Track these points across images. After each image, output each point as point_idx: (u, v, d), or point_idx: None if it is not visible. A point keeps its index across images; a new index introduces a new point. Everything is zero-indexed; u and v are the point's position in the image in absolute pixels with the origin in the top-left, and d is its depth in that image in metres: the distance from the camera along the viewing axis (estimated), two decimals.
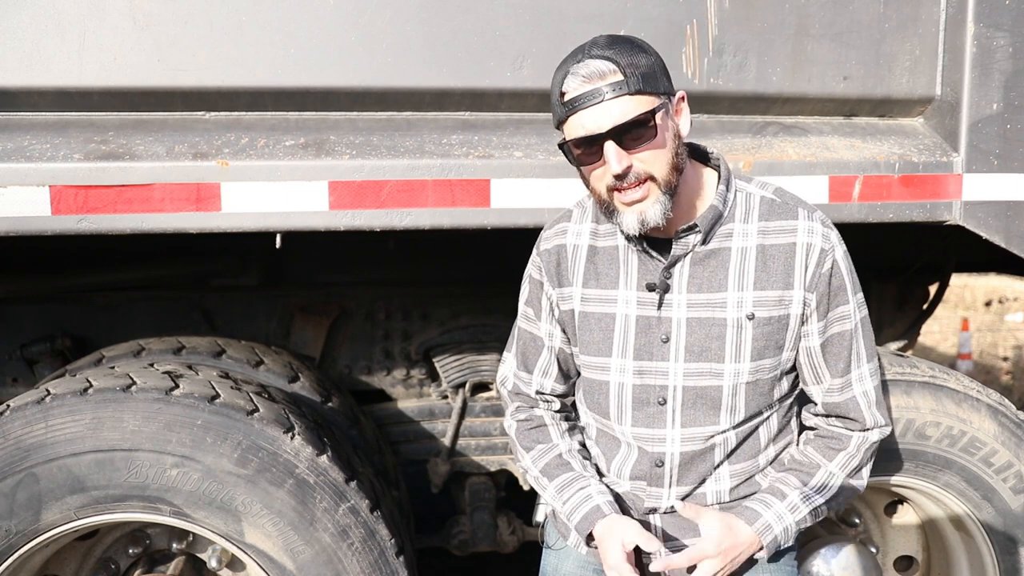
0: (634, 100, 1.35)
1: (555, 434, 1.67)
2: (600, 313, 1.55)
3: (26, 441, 1.84)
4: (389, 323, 2.85)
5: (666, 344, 1.51)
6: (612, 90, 1.34)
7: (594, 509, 1.54)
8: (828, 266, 1.48)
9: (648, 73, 1.36)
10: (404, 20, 1.92)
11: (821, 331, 1.51)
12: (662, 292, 1.49)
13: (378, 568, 1.98)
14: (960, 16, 2.09)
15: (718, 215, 1.48)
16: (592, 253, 1.57)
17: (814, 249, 1.47)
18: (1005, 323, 8.98)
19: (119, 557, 2.12)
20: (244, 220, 1.89)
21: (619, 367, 1.54)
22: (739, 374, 1.50)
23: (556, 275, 1.60)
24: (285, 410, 2.05)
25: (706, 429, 1.52)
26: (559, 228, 1.62)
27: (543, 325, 1.66)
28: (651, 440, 1.55)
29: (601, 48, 1.36)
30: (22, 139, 1.86)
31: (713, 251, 1.49)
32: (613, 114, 1.35)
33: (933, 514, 2.29)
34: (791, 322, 1.50)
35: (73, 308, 2.70)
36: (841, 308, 1.50)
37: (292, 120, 1.99)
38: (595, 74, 1.35)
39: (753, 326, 1.48)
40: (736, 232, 1.49)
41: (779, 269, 1.47)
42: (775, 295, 1.48)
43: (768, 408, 1.57)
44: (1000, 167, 2.12)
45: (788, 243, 1.47)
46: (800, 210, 1.50)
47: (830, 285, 1.49)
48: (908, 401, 2.11)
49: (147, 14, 1.85)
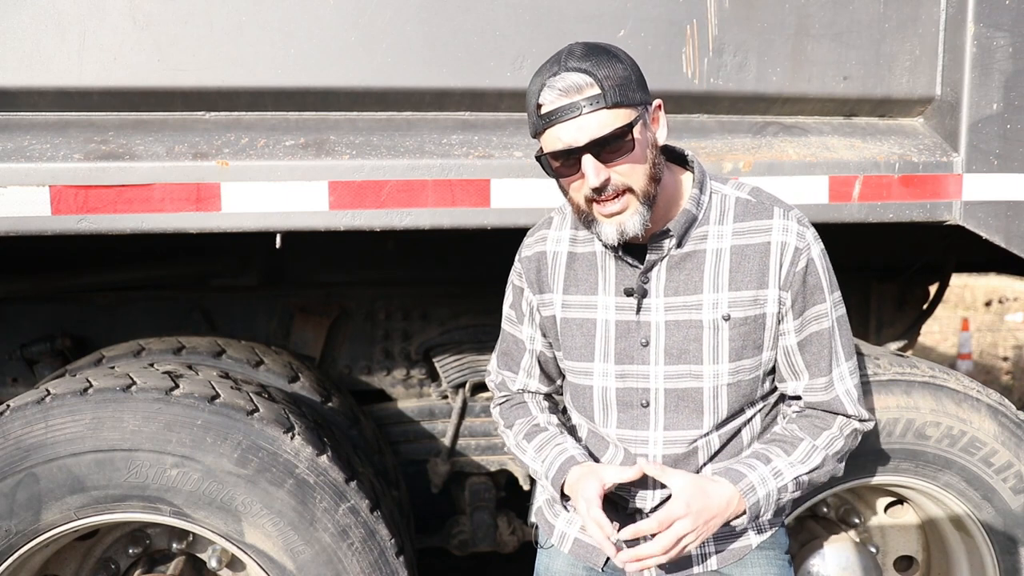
0: (611, 114, 1.35)
1: (535, 410, 1.70)
2: (581, 319, 1.56)
3: (26, 441, 1.84)
4: (389, 323, 2.85)
5: (646, 348, 1.51)
6: (589, 104, 1.34)
7: (568, 459, 1.55)
8: (803, 264, 1.47)
9: (624, 85, 1.35)
10: (404, 20, 1.92)
11: (798, 329, 1.51)
12: (640, 297, 1.50)
13: (378, 568, 1.98)
14: (960, 16, 2.09)
15: (692, 219, 1.48)
16: (571, 260, 1.58)
17: (788, 247, 1.46)
18: (1005, 323, 8.98)
19: (119, 557, 2.12)
20: (244, 220, 1.89)
21: (602, 371, 1.55)
22: (719, 375, 1.50)
23: (536, 282, 1.61)
24: (285, 410, 2.05)
25: (689, 432, 1.53)
26: (539, 235, 1.63)
27: (525, 329, 1.68)
28: (635, 442, 1.56)
29: (577, 59, 1.35)
30: (22, 139, 1.86)
31: (688, 254, 1.49)
32: (591, 128, 1.35)
33: (933, 514, 2.29)
34: (767, 321, 1.49)
35: (73, 308, 2.70)
36: (818, 307, 1.50)
37: (292, 120, 1.99)
38: (572, 87, 1.34)
39: (729, 327, 1.48)
40: (711, 234, 1.49)
41: (754, 269, 1.47)
42: (750, 295, 1.48)
43: (750, 407, 1.57)
44: (1000, 167, 2.12)
45: (763, 242, 1.47)
46: (776, 208, 1.49)
47: (805, 283, 1.48)
48: (908, 401, 2.11)
49: (147, 14, 1.85)
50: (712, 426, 1.53)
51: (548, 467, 1.58)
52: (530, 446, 1.65)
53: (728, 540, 1.60)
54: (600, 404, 1.57)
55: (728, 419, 1.54)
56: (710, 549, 1.60)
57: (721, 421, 1.53)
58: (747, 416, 1.57)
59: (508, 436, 1.72)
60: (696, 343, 1.49)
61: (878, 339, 3.31)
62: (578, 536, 1.65)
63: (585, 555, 1.63)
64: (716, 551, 1.60)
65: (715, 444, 1.55)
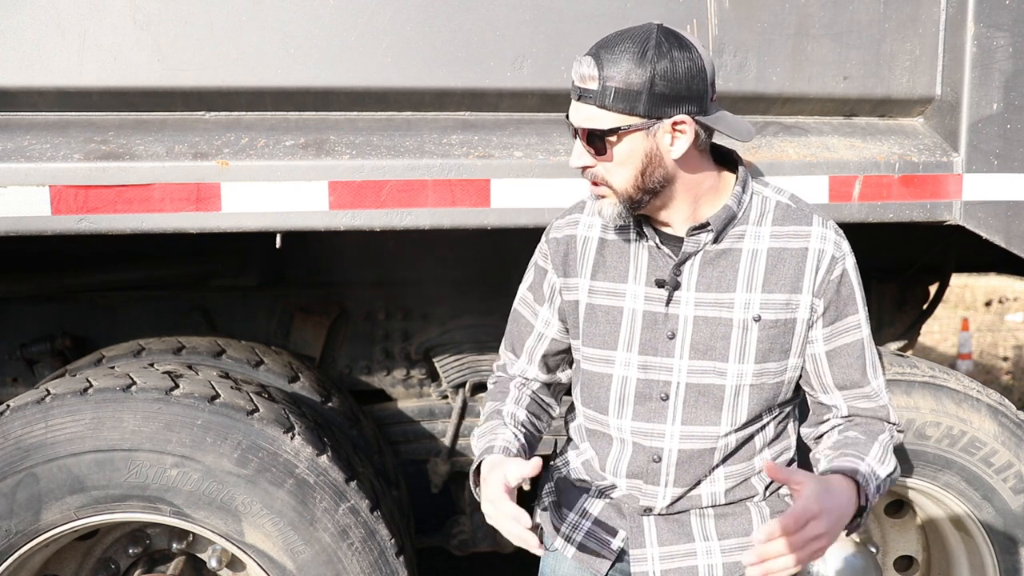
0: (599, 112, 1.37)
1: (510, 399, 1.67)
2: (607, 306, 1.55)
3: (26, 441, 1.84)
4: (389, 323, 2.84)
5: (672, 340, 1.51)
6: (585, 96, 1.39)
7: (487, 450, 1.51)
8: (838, 273, 1.48)
9: (626, 91, 1.35)
10: (404, 20, 1.92)
11: (827, 338, 1.51)
12: (672, 289, 1.49)
13: (378, 568, 1.98)
14: (960, 16, 2.09)
15: (732, 215, 1.48)
16: (602, 245, 1.57)
17: (825, 255, 1.47)
18: (1005, 323, 8.98)
19: (119, 557, 2.12)
20: (244, 220, 1.89)
21: (624, 360, 1.54)
22: (743, 375, 1.50)
23: (563, 264, 1.60)
24: (285, 410, 2.05)
25: (707, 429, 1.52)
26: (571, 219, 1.62)
27: (542, 312, 1.66)
28: (650, 435, 1.54)
29: (607, 48, 1.37)
30: (22, 139, 1.86)
31: (724, 251, 1.49)
32: (579, 116, 1.41)
33: (933, 514, 2.29)
34: (797, 326, 1.49)
35: (73, 308, 2.70)
36: (851, 318, 1.50)
37: (292, 120, 1.99)
38: (585, 74, 1.38)
39: (759, 328, 1.48)
40: (748, 234, 1.49)
41: (789, 273, 1.47)
42: (783, 298, 1.48)
43: (767, 414, 1.57)
44: (1000, 167, 2.12)
45: (800, 248, 1.48)
46: (815, 217, 1.51)
47: (839, 293, 1.49)
48: (908, 401, 2.11)
49: (147, 14, 1.85)
50: (730, 425, 1.52)
51: (479, 455, 1.53)
52: (479, 431, 1.62)
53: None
54: (617, 395, 1.56)
55: (747, 422, 1.53)
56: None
57: (739, 422, 1.53)
58: (763, 422, 1.57)
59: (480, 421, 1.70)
60: (724, 340, 1.49)
61: (878, 339, 3.31)
62: (582, 541, 1.64)
63: (589, 561, 1.62)
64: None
65: (731, 445, 1.54)
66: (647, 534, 1.58)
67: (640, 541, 1.58)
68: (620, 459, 1.58)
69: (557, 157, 1.96)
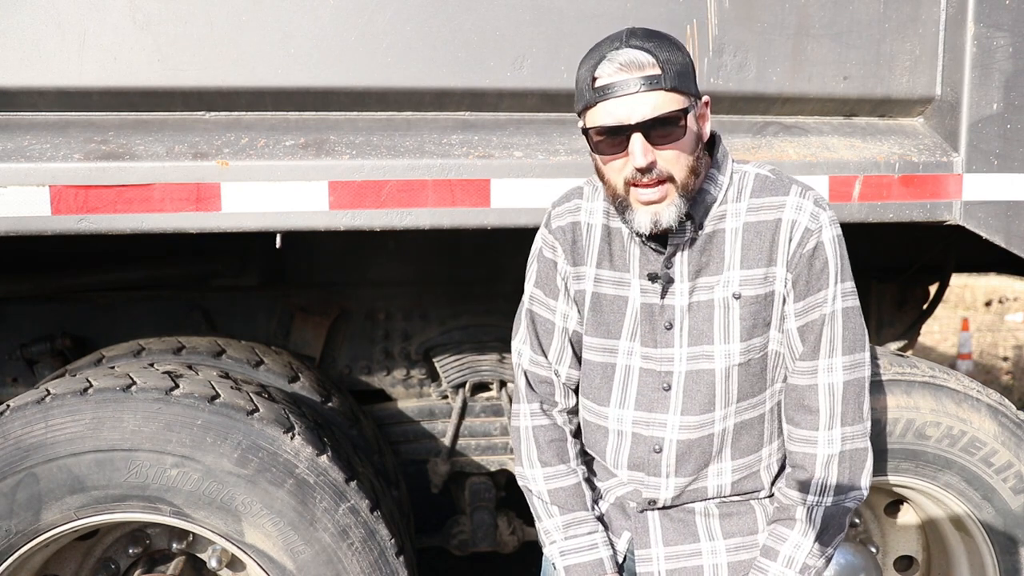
0: (668, 96, 1.34)
1: (572, 453, 1.63)
2: (613, 295, 1.54)
3: (26, 441, 1.84)
4: (389, 323, 2.85)
5: (670, 331, 1.50)
6: (648, 83, 1.32)
7: (596, 562, 1.54)
8: (811, 246, 1.44)
9: (683, 72, 1.35)
10: (404, 20, 1.92)
11: (799, 313, 1.47)
12: (665, 283, 1.49)
13: (378, 568, 1.98)
14: (960, 16, 2.09)
15: (710, 200, 1.47)
16: (607, 233, 1.55)
17: (799, 226, 1.44)
18: (1005, 323, 8.98)
19: (119, 557, 2.12)
20: (244, 220, 1.89)
21: (627, 350, 1.53)
22: (730, 355, 1.48)
23: (572, 252, 1.57)
24: (285, 410, 2.05)
25: (702, 417, 1.51)
26: (572, 205, 1.58)
27: (559, 306, 1.61)
28: (651, 424, 1.53)
29: (640, 39, 1.35)
30: (22, 139, 1.86)
31: (710, 235, 1.48)
32: (645, 107, 1.33)
33: (933, 514, 2.29)
34: (775, 300, 1.47)
35: (73, 308, 2.70)
36: (821, 293, 1.45)
37: (292, 120, 1.99)
38: (633, 63, 1.33)
39: (740, 305, 1.46)
40: (729, 212, 1.48)
41: (764, 246, 1.45)
42: (760, 272, 1.46)
43: (761, 392, 1.53)
44: (1000, 167, 2.12)
45: (774, 219, 1.45)
46: (793, 187, 1.47)
47: (811, 266, 1.44)
48: (908, 401, 2.10)
49: (147, 14, 1.85)
50: (724, 409, 1.50)
51: (570, 551, 1.56)
52: (560, 517, 1.59)
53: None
54: (620, 384, 1.55)
55: (741, 404, 1.51)
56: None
57: (734, 406, 1.51)
58: (761, 401, 1.53)
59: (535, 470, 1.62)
60: (708, 322, 1.48)
61: (878, 339, 3.31)
62: None
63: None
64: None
65: (730, 432, 1.52)
66: (652, 534, 1.57)
67: (645, 541, 1.57)
68: (620, 451, 1.57)
69: (557, 157, 1.96)
